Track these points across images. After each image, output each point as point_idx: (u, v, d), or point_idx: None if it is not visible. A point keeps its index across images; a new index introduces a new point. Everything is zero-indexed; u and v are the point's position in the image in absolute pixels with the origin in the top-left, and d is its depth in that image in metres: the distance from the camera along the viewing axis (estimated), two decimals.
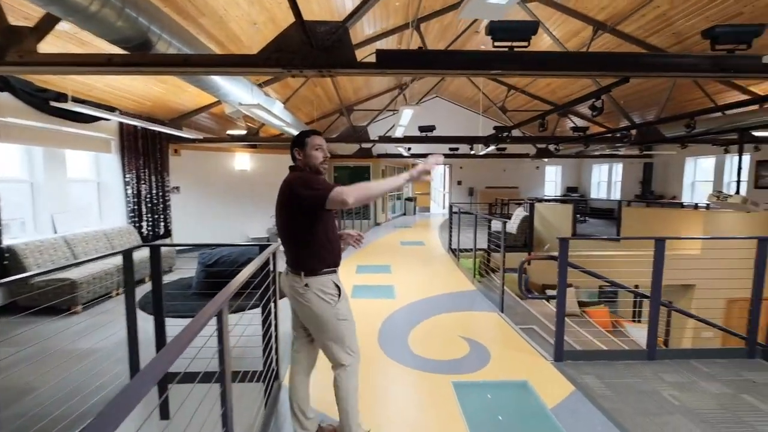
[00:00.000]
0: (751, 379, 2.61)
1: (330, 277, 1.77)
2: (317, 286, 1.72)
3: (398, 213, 14.70)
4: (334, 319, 1.76)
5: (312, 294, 1.71)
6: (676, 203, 10.17)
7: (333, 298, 1.75)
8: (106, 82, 4.69)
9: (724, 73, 2.49)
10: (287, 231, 1.78)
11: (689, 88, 7.07)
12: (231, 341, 2.18)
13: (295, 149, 1.81)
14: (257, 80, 5.26)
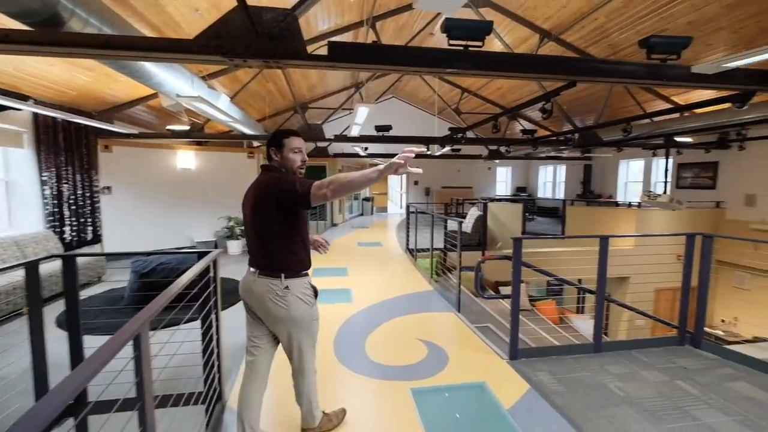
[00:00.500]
0: (682, 365, 2.81)
1: (307, 279, 1.79)
2: (299, 288, 1.72)
3: (355, 213, 14.56)
4: (311, 319, 1.78)
5: (293, 296, 1.69)
6: (612, 202, 11.04)
7: (311, 299, 1.78)
8: (17, 65, 4.06)
9: (658, 80, 2.66)
10: (265, 233, 1.70)
11: (622, 97, 7.67)
12: (163, 360, 1.94)
13: (272, 149, 1.76)
14: (200, 71, 4.86)
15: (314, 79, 8.72)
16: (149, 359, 1.18)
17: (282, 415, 2.20)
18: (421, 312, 3.99)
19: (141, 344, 1.12)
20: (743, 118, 5.38)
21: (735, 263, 7.46)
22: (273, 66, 2.26)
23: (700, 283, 3.08)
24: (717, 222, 8.33)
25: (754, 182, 7.94)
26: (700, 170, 9.12)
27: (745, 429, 2.10)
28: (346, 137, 6.49)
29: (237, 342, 3.11)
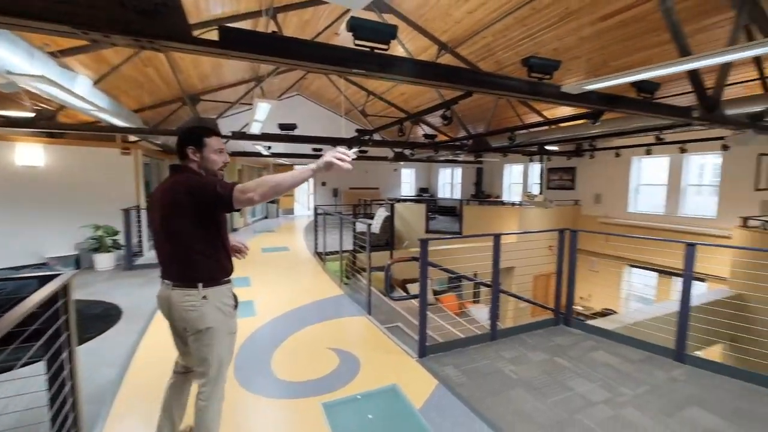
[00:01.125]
0: (558, 343, 3.27)
1: (228, 287, 1.69)
2: (219, 298, 1.62)
3: (259, 216, 13.62)
4: (227, 332, 1.65)
5: (210, 306, 1.58)
6: (499, 201, 12.51)
7: (231, 310, 1.68)
8: None
9: (537, 95, 3.03)
10: (180, 239, 1.56)
11: (506, 109, 8.72)
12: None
13: (189, 148, 1.64)
14: (47, 44, 3.89)
15: (207, 68, 7.85)
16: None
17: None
18: (332, 319, 3.87)
19: None
20: (593, 132, 6.58)
21: (589, 250, 9.13)
22: (148, 47, 1.88)
23: (568, 271, 3.63)
24: (576, 217, 10.09)
25: (600, 184, 9.84)
26: (563, 174, 10.92)
27: (605, 392, 2.52)
28: (245, 135, 5.96)
29: (103, 380, 2.57)
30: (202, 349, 1.61)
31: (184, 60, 6.98)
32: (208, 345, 1.60)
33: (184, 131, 1.69)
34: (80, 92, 3.41)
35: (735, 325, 4.50)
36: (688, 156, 7.98)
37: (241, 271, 5.62)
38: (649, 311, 4.65)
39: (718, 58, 2.34)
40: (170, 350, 1.90)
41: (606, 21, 5.11)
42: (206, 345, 1.60)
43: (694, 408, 2.33)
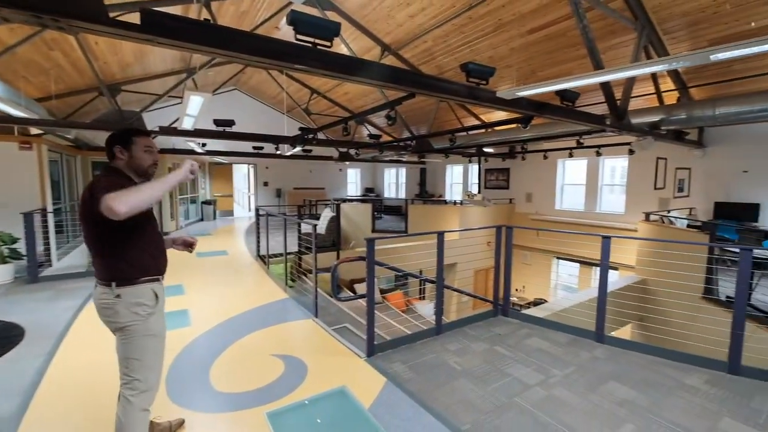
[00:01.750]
0: (498, 333, 3.48)
1: (146, 287, 1.63)
2: (132, 298, 1.59)
3: (194, 219, 12.66)
4: (143, 334, 1.62)
5: (123, 305, 1.58)
6: (442, 200, 13.00)
7: (148, 310, 1.63)
8: None
9: (474, 99, 3.20)
10: (93, 237, 1.58)
11: (446, 112, 9.10)
12: None
13: (117, 147, 1.64)
14: None
15: (129, 55, 7.09)
16: None
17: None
18: (276, 324, 3.71)
19: None
20: (524, 136, 7.13)
21: (522, 245, 9.87)
22: (52, 26, 1.64)
23: (505, 265, 3.88)
24: (510, 214, 10.85)
25: (531, 184, 10.69)
26: (499, 174, 11.68)
27: (539, 374, 2.73)
28: (176, 130, 5.48)
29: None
30: (120, 347, 1.63)
31: (99, 45, 6.24)
32: (125, 344, 1.61)
33: (114, 133, 1.69)
34: None
35: (642, 307, 5.17)
36: (603, 159, 8.99)
37: (173, 279, 5.18)
38: (573, 298, 5.15)
39: (624, 73, 2.66)
40: (86, 374, 1.70)
41: (533, 34, 5.56)
42: (123, 344, 1.62)
43: (612, 382, 2.62)
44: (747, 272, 2.68)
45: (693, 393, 2.49)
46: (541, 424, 2.15)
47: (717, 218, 6.61)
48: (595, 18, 4.68)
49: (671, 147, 6.93)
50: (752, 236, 5.09)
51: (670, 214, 6.65)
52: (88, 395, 2.39)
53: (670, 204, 7.55)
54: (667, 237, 5.81)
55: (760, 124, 6.02)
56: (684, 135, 6.07)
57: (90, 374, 2.66)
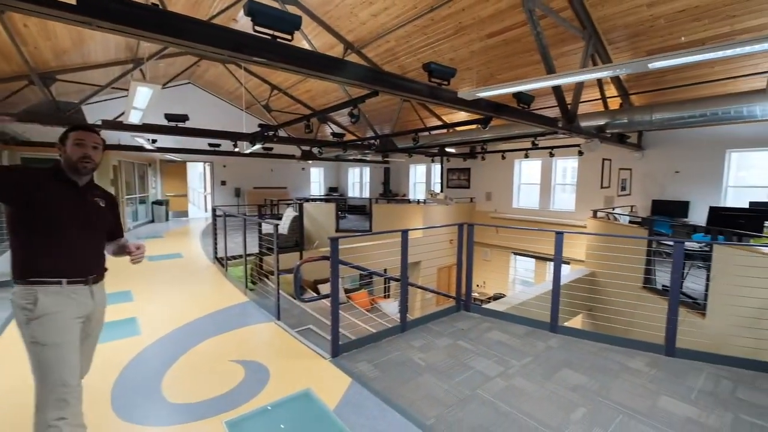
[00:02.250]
0: (460, 327, 3.57)
1: (27, 289, 1.50)
2: (18, 298, 1.50)
3: (143, 220, 11.84)
4: (28, 340, 1.50)
5: (14, 306, 1.52)
6: (405, 199, 13.14)
7: (28, 314, 1.49)
8: None
9: (436, 99, 3.25)
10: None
11: (409, 112, 9.21)
12: None
13: (58, 144, 1.66)
14: None
15: (65, 41, 6.48)
16: None
17: None
18: (236, 328, 3.55)
19: None
20: (484, 137, 7.37)
21: (482, 242, 10.23)
22: None
23: (467, 261, 3.98)
24: (471, 213, 11.19)
25: (490, 183, 11.10)
26: (461, 174, 12.01)
27: (499, 366, 2.83)
28: (122, 124, 5.08)
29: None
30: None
31: (28, 27, 5.64)
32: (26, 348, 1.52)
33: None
34: None
35: (591, 297, 5.54)
36: (556, 160, 9.54)
37: (120, 285, 4.80)
38: (530, 292, 5.42)
39: (573, 77, 2.83)
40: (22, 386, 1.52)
41: (492, 38, 5.77)
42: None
43: (565, 369, 2.78)
44: (680, 263, 2.94)
45: (636, 375, 2.69)
46: (502, 414, 2.23)
47: (654, 214, 7.24)
48: (548, 26, 4.93)
49: (615, 149, 7.49)
50: (683, 230, 5.62)
51: (614, 211, 7.18)
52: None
53: (615, 201, 8.15)
54: (612, 232, 6.27)
55: (690, 129, 6.66)
56: (626, 138, 6.59)
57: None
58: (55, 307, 1.52)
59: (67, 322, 1.55)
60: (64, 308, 1.54)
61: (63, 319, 1.53)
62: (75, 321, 1.58)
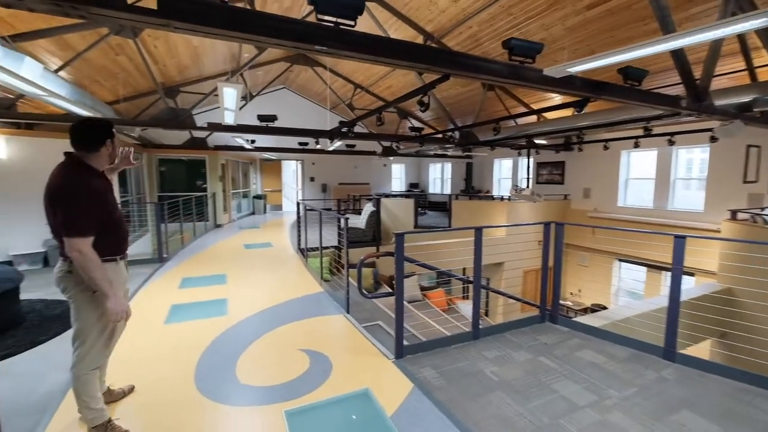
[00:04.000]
0: (544, 341, 3.12)
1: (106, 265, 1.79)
2: (80, 274, 1.73)
3: (245, 212, 13.34)
4: (85, 307, 1.80)
5: (70, 281, 1.77)
6: (488, 196, 12.40)
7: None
8: None
9: (518, 79, 2.86)
10: (55, 222, 1.74)
11: (494, 102, 8.57)
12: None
13: (108, 140, 1.83)
14: None
15: (185, 58, 7.53)
16: None
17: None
18: (308, 318, 3.67)
19: None
20: (581, 124, 6.46)
21: (578, 245, 9.06)
22: (73, 14, 1.65)
23: (555, 266, 3.48)
24: (565, 211, 10.01)
25: (589, 178, 9.76)
26: (553, 168, 10.84)
27: (591, 394, 2.37)
28: (221, 126, 5.70)
29: (50, 387, 2.35)
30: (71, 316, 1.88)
31: (158, 48, 6.67)
32: (73, 313, 1.87)
33: (80, 123, 1.85)
34: (31, 76, 3.14)
35: (724, 321, 4.41)
36: (677, 149, 7.91)
37: (218, 268, 5.41)
38: (638, 307, 4.53)
39: (706, 33, 2.18)
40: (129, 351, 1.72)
41: (592, 10, 4.96)
42: (72, 312, 1.87)
43: (685, 411, 2.19)
44: None
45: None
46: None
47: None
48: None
49: (766, 133, 5.87)
50: None
51: (765, 212, 5.64)
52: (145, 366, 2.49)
53: (766, 200, 6.42)
54: (760, 239, 4.91)
55: None
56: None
57: (141, 350, 2.79)
58: (117, 280, 1.89)
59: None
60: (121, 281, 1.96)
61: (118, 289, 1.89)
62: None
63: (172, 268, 5.62)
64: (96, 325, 1.82)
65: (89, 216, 1.70)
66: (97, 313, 1.81)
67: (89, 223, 1.70)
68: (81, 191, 1.70)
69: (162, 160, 10.35)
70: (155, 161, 10.16)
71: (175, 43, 6.76)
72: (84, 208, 1.69)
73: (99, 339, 1.84)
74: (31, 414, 2.12)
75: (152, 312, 3.76)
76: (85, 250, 1.66)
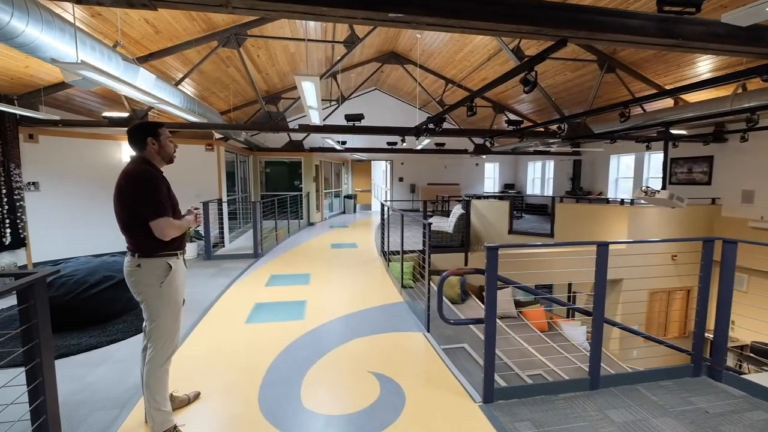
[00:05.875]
0: (703, 408, 2.21)
1: (165, 260, 1.87)
2: (149, 268, 1.84)
3: (336, 211, 13.85)
4: (156, 300, 1.85)
5: (141, 274, 1.83)
6: (602, 199, 10.55)
7: (161, 279, 1.85)
8: None
9: (671, 39, 2.03)
10: (125, 219, 1.84)
11: (613, 86, 7.12)
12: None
13: (149, 138, 1.90)
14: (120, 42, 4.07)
15: (284, 65, 7.98)
16: None
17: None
18: (383, 332, 3.32)
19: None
20: (747, 105, 4.83)
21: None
22: (137, 5, 1.55)
23: (720, 301, 2.48)
24: (712, 219, 7.86)
25: (752, 177, 7.47)
26: (694, 164, 8.64)
27: None
28: (309, 126, 5.77)
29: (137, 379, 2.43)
30: (143, 311, 1.94)
31: (260, 58, 7.14)
32: (144, 307, 1.92)
33: (139, 127, 1.93)
34: (145, 86, 3.45)
35: None
36: None
37: (304, 267, 5.49)
38: None
39: None
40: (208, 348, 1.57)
41: None
42: (143, 307, 1.93)
43: None
44: None
45: None
46: None
47: None
48: None
49: None
50: None
51: None
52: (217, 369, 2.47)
53: None
54: None
55: None
56: None
57: (217, 350, 2.81)
58: (178, 273, 1.94)
59: (181, 288, 1.97)
60: (181, 274, 1.99)
61: (179, 282, 1.94)
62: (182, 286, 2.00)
63: (264, 264, 5.90)
64: (166, 316, 1.87)
65: (159, 199, 1.81)
66: (166, 304, 1.86)
67: (161, 203, 1.81)
68: (145, 178, 1.82)
69: (267, 162, 11.32)
70: (260, 163, 11.14)
71: (275, 51, 7.16)
72: (150, 192, 1.81)
73: (169, 330, 1.89)
74: (114, 408, 2.18)
75: (237, 308, 3.86)
76: (166, 224, 1.80)
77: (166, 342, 1.89)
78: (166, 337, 1.88)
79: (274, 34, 6.06)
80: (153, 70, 5.49)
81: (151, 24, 4.58)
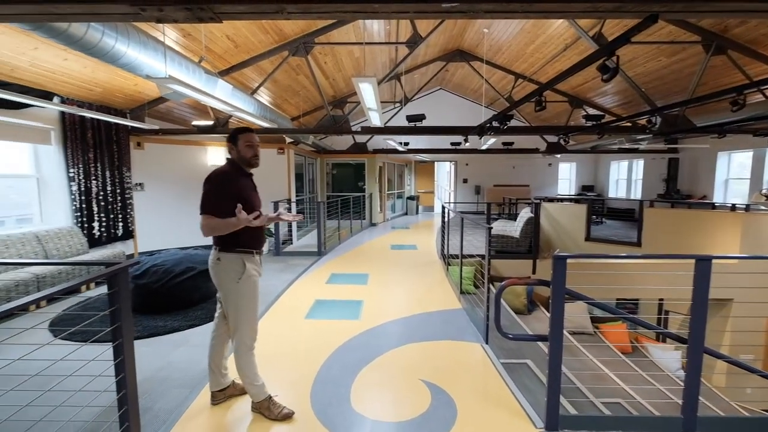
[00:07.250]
0: None
1: (241, 257, 1.98)
2: (227, 263, 1.97)
3: (399, 212, 13.89)
4: (235, 294, 1.99)
5: (220, 268, 1.98)
6: (706, 203, 9.01)
7: (238, 274, 1.98)
8: (32, 60, 4.04)
9: None
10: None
11: (723, 70, 6.04)
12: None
13: (229, 143, 2.06)
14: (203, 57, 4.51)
15: (350, 69, 8.22)
16: None
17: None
18: (438, 339, 3.19)
19: None
20: None
21: None
22: (206, 19, 1.67)
23: None
24: None
25: None
26: None
27: None
28: (370, 128, 5.84)
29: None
30: (222, 299, 2.11)
31: (327, 64, 7.44)
32: (224, 299, 2.08)
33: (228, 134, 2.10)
34: (222, 95, 3.78)
35: None
36: None
37: (363, 267, 5.57)
38: None
39: None
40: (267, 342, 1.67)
41: None
42: (224, 299, 2.08)
43: None
44: None
45: None
46: None
47: None
48: None
49: None
50: None
51: None
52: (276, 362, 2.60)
53: None
54: None
55: None
56: None
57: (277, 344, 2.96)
58: (254, 270, 2.04)
59: (257, 282, 2.06)
60: (256, 270, 2.07)
61: (254, 278, 2.03)
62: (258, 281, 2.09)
63: (326, 262, 6.12)
64: (245, 309, 2.00)
65: (209, 197, 1.90)
66: (243, 297, 1.99)
67: (209, 201, 1.90)
68: (210, 177, 1.95)
69: (333, 164, 11.79)
70: (327, 165, 11.64)
71: (341, 57, 7.41)
72: (206, 190, 1.91)
73: (249, 322, 2.03)
74: (186, 387, 2.39)
75: (299, 303, 4.03)
76: (203, 222, 1.89)
77: (247, 332, 2.02)
78: (246, 327, 2.01)
79: (339, 39, 6.26)
80: (233, 81, 6.05)
81: (231, 39, 5.02)
